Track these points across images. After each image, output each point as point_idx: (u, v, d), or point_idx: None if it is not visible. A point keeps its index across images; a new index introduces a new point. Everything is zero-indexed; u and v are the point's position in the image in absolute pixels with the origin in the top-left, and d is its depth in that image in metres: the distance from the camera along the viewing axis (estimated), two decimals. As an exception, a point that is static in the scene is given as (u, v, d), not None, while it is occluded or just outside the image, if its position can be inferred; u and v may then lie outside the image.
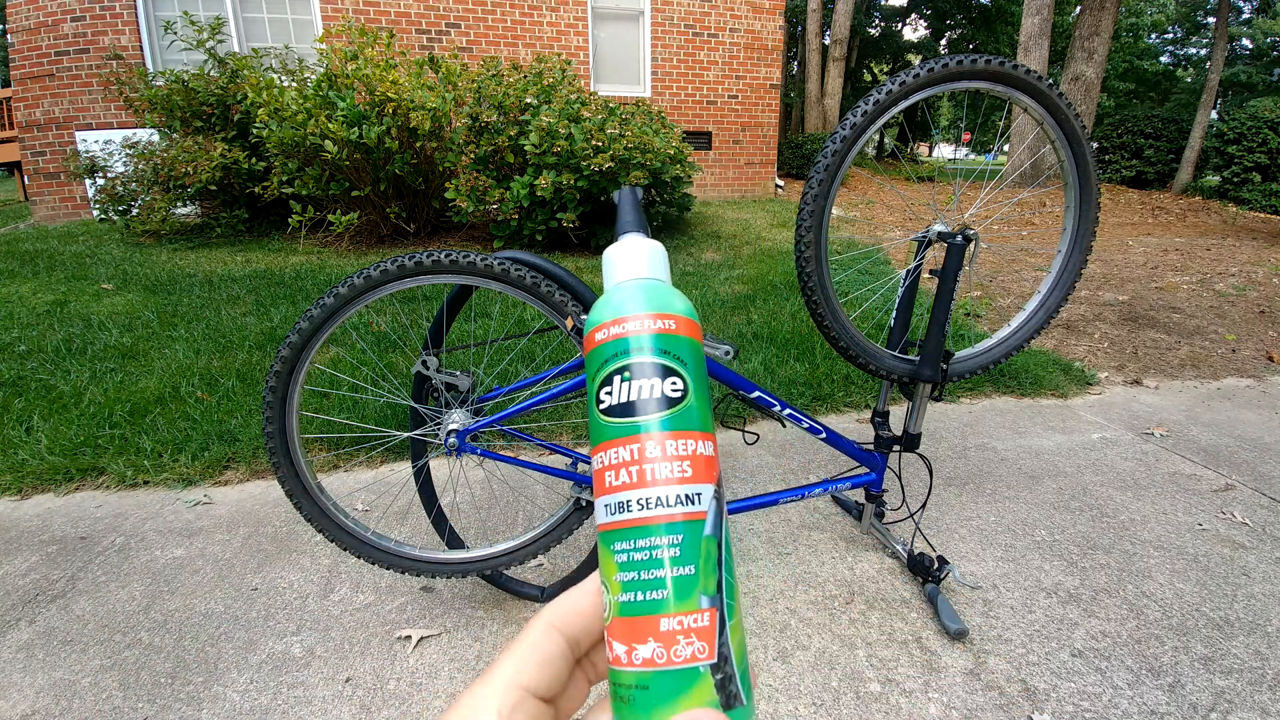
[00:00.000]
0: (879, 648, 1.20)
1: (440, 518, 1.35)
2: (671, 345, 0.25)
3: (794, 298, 3.43)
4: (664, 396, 0.24)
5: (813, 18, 14.00)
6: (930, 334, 1.27)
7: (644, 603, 0.22)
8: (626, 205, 0.33)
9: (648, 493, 0.23)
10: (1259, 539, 1.55)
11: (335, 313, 1.06)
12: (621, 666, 0.22)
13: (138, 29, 5.92)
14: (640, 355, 0.25)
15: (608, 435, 0.25)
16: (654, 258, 0.29)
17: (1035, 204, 7.76)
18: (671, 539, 0.23)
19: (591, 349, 0.26)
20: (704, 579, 0.22)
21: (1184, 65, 23.26)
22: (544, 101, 4.30)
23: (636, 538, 0.23)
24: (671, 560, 0.22)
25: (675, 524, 0.23)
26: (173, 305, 3.17)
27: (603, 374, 0.25)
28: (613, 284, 0.29)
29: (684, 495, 0.23)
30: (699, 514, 0.23)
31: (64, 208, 6.12)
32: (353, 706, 1.07)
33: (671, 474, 0.23)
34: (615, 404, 0.25)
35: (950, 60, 1.10)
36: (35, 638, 1.21)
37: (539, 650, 0.23)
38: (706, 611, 0.22)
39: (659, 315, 0.26)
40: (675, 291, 0.28)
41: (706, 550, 0.23)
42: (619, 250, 0.29)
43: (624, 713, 0.21)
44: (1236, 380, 2.68)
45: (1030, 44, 8.52)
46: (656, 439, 0.24)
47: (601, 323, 0.26)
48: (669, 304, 0.26)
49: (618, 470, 0.24)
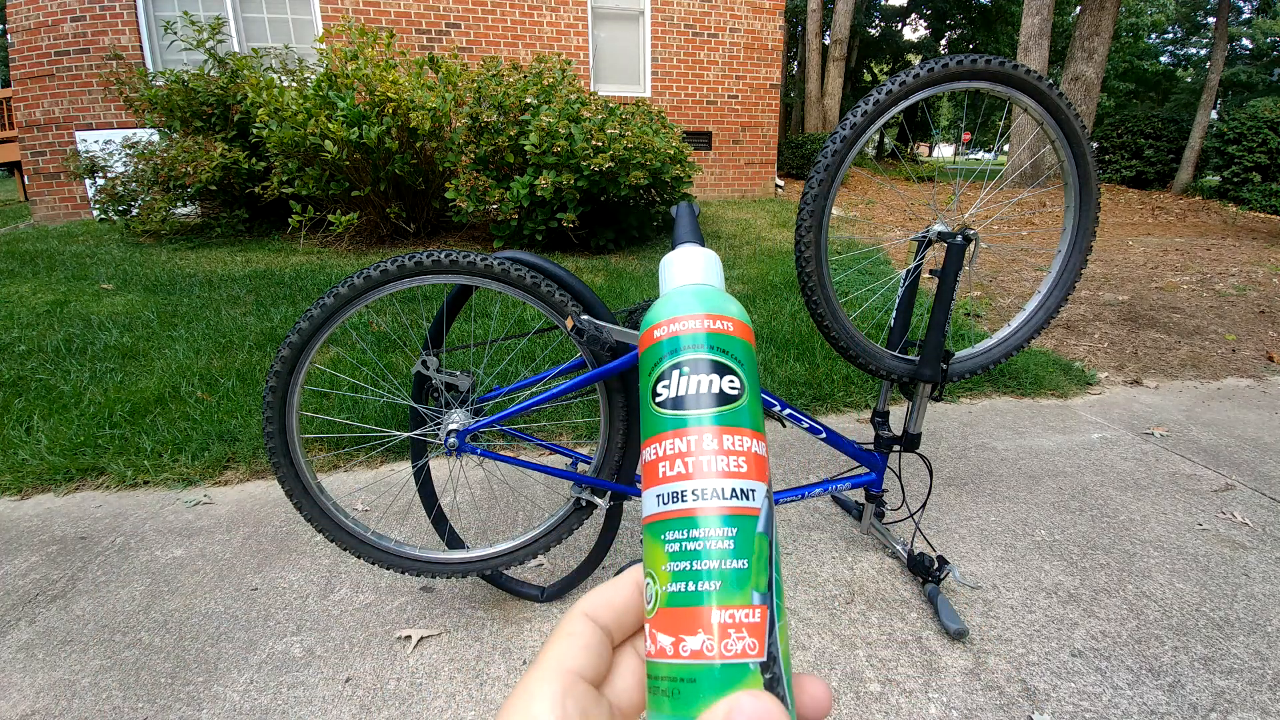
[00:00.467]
0: (879, 648, 1.20)
1: (440, 518, 1.35)
2: (729, 345, 0.26)
3: (794, 298, 3.43)
4: (722, 392, 0.25)
5: (813, 18, 14.00)
6: (930, 334, 1.27)
7: (695, 593, 0.22)
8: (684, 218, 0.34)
9: (704, 484, 0.23)
10: (1259, 539, 1.55)
11: (335, 313, 1.06)
12: (666, 659, 0.22)
13: (138, 29, 5.92)
14: (699, 352, 0.25)
15: (662, 427, 0.25)
16: (709, 265, 0.30)
17: (1035, 204, 7.76)
18: (726, 531, 0.23)
19: (649, 345, 0.27)
20: (756, 575, 0.22)
21: (1184, 65, 23.26)
22: (544, 101, 4.30)
23: (690, 527, 0.23)
24: (725, 552, 0.22)
25: (730, 516, 0.23)
26: (173, 305, 3.17)
27: (660, 369, 0.26)
28: (669, 289, 0.30)
29: (739, 489, 0.23)
30: (753, 509, 0.23)
31: (64, 208, 6.12)
32: (353, 706, 1.07)
33: (728, 467, 0.24)
34: (672, 397, 0.25)
35: (950, 60, 1.10)
36: (35, 638, 1.21)
37: (580, 637, 0.24)
38: (758, 608, 0.22)
39: (717, 316, 0.26)
40: (729, 297, 0.28)
41: (760, 547, 0.23)
42: (677, 257, 0.30)
43: (663, 706, 0.21)
44: (1236, 380, 2.68)
45: (1030, 44, 8.52)
46: (714, 432, 0.24)
47: (660, 320, 0.27)
48: (725, 307, 0.27)
49: (672, 461, 0.24)
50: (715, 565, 0.22)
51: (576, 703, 0.22)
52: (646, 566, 0.24)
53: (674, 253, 0.31)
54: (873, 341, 1.29)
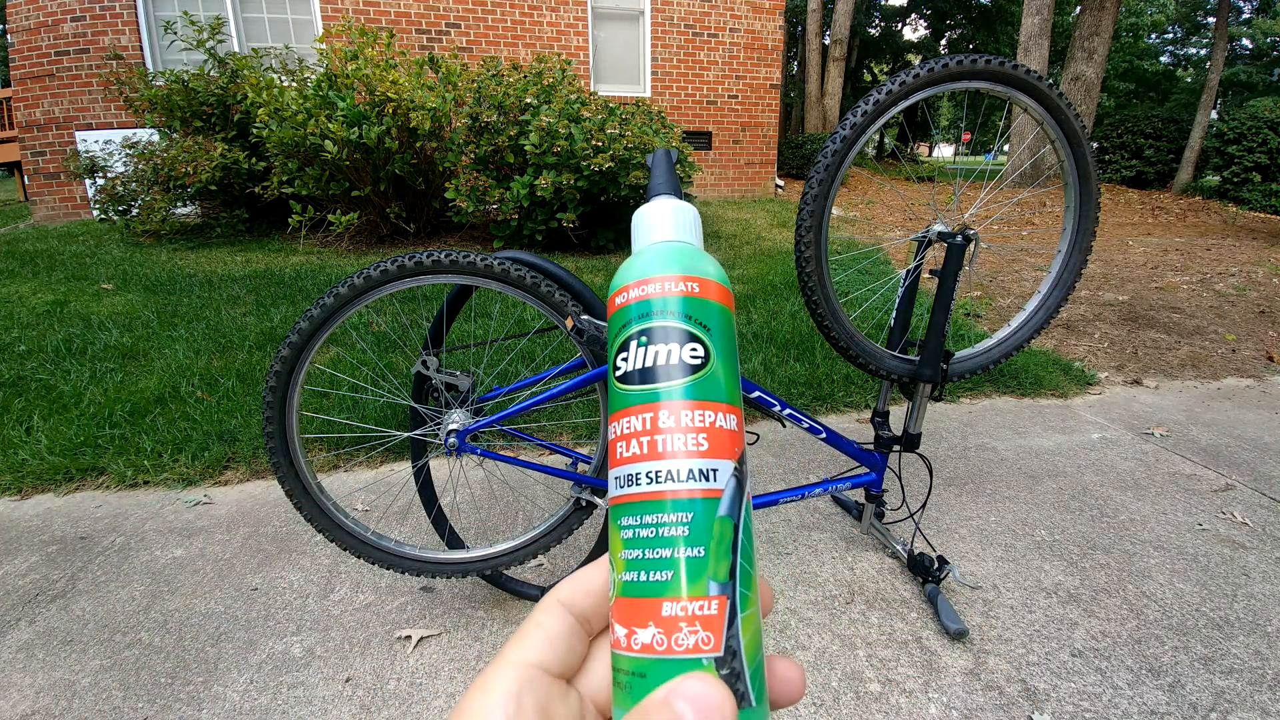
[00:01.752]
0: (879, 648, 1.20)
1: (440, 518, 1.35)
2: (694, 309, 0.24)
3: (794, 298, 3.43)
4: (682, 363, 0.23)
5: (813, 18, 14.01)
6: (930, 334, 1.27)
7: (647, 584, 0.20)
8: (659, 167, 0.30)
9: (658, 465, 0.22)
10: (1259, 539, 1.55)
11: (335, 313, 1.06)
12: (621, 650, 0.21)
13: (138, 29, 5.92)
14: (660, 319, 0.23)
15: (621, 403, 0.23)
16: (683, 219, 0.27)
17: (1035, 204, 7.76)
18: (681, 516, 0.21)
19: (612, 313, 0.25)
20: (715, 563, 0.21)
21: (1184, 65, 23.26)
22: (544, 101, 4.30)
23: (644, 513, 0.21)
24: (680, 540, 0.21)
25: (686, 500, 0.21)
26: (173, 305, 3.17)
27: (620, 339, 0.24)
28: (638, 247, 0.27)
29: (698, 470, 0.21)
30: (714, 491, 0.21)
31: (64, 208, 6.12)
32: (353, 706, 1.07)
33: (685, 446, 0.22)
34: (631, 370, 0.23)
35: (950, 60, 1.10)
36: (35, 638, 1.21)
37: (544, 628, 0.22)
38: (715, 599, 0.20)
39: (683, 278, 0.24)
40: (704, 255, 0.26)
41: (720, 532, 0.21)
42: (647, 212, 0.27)
43: (621, 699, 0.20)
44: (1236, 380, 2.68)
45: (1030, 44, 8.52)
46: (671, 408, 0.22)
47: (623, 285, 0.25)
48: (695, 266, 0.25)
49: (629, 440, 0.22)
50: (668, 554, 0.21)
51: (535, 698, 0.20)
52: (610, 553, 0.23)
53: (644, 206, 0.28)
54: (873, 341, 1.29)
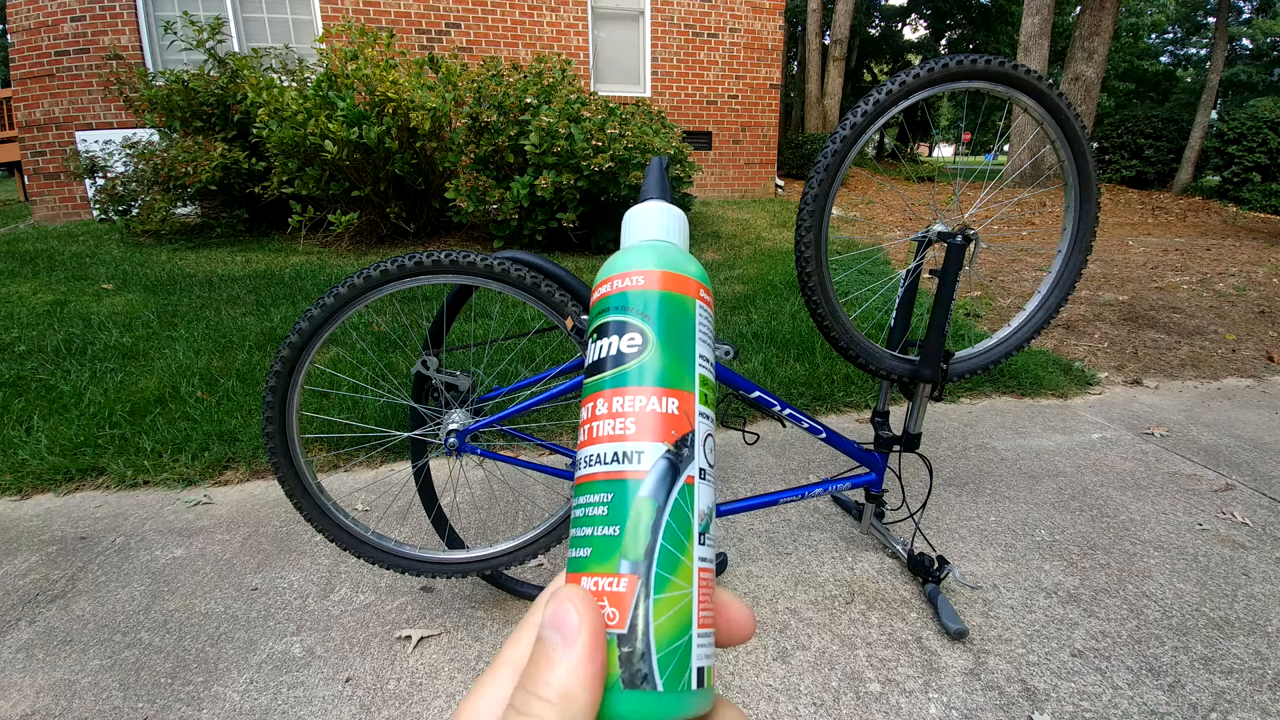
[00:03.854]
0: (879, 648, 1.20)
1: (440, 518, 1.35)
2: (637, 301, 0.25)
3: (794, 298, 3.43)
4: (619, 353, 0.24)
5: (813, 18, 14.01)
6: (930, 334, 1.27)
7: (576, 559, 0.22)
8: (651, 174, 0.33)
9: (591, 450, 0.23)
10: (1259, 539, 1.55)
11: (335, 313, 1.06)
12: None
13: (138, 29, 5.92)
14: (608, 315, 0.25)
15: (585, 392, 0.25)
16: (663, 220, 0.29)
17: (1035, 204, 7.76)
18: (601, 497, 0.22)
19: (590, 306, 0.27)
20: (629, 542, 0.21)
21: (1184, 65, 23.27)
22: (544, 101, 4.30)
23: (581, 494, 0.23)
24: (599, 519, 0.22)
25: (606, 482, 0.22)
26: (173, 305, 3.17)
27: (590, 330, 0.26)
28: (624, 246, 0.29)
29: (619, 453, 0.23)
30: (635, 473, 0.22)
31: (64, 208, 6.12)
32: (353, 706, 1.07)
33: (612, 430, 0.23)
34: (588, 363, 0.25)
35: (950, 60, 1.10)
36: (35, 638, 1.21)
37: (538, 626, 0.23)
38: (625, 577, 0.21)
39: (627, 274, 0.26)
40: (660, 247, 0.27)
41: (637, 512, 0.22)
42: (629, 216, 0.29)
43: None
44: (1236, 380, 2.68)
45: (1030, 44, 8.52)
46: (605, 396, 0.24)
47: (599, 281, 0.27)
48: (640, 260, 0.26)
49: (581, 427, 0.24)
50: (589, 531, 0.22)
51: None
52: None
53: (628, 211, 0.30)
54: (873, 341, 1.29)
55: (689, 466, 0.23)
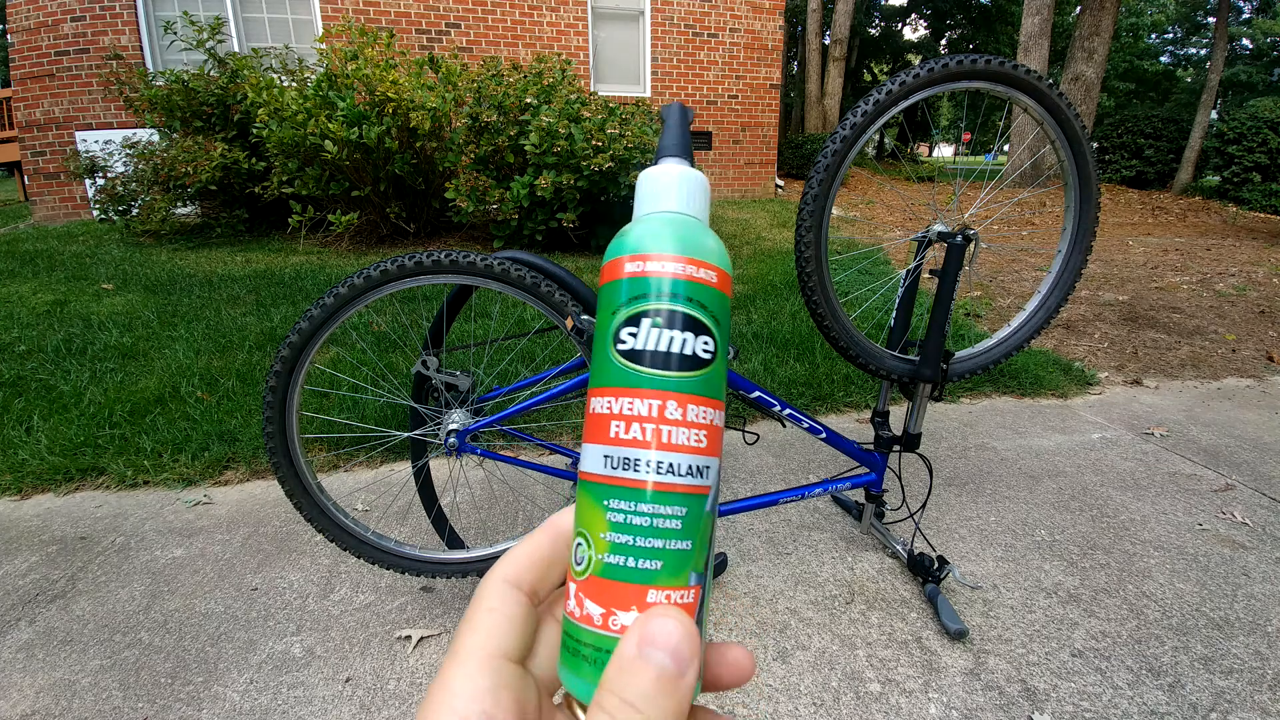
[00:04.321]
0: (879, 648, 1.20)
1: (440, 518, 1.35)
2: (709, 300, 0.23)
3: (794, 298, 3.43)
4: (695, 355, 0.22)
5: (813, 18, 14.01)
6: (930, 334, 1.27)
7: (634, 570, 0.21)
8: (673, 123, 0.28)
9: (663, 457, 0.21)
10: (1259, 539, 1.55)
11: (335, 313, 1.06)
12: (593, 627, 0.21)
13: (138, 29, 5.92)
14: (675, 303, 0.22)
15: (623, 381, 0.22)
16: (694, 191, 0.25)
17: (1035, 204, 7.76)
18: (676, 510, 0.21)
19: (615, 279, 0.23)
20: (698, 556, 0.22)
21: (1184, 65, 23.27)
22: (544, 101, 4.30)
23: (639, 500, 0.21)
24: (672, 532, 0.21)
25: (684, 495, 0.21)
26: (173, 305, 3.17)
27: (629, 311, 0.22)
28: (646, 212, 0.25)
29: (696, 466, 0.22)
30: (705, 488, 0.22)
31: (64, 208, 6.12)
32: (353, 706, 1.07)
33: (688, 441, 0.22)
34: (641, 349, 0.22)
35: (950, 60, 1.10)
36: (35, 638, 1.21)
37: (501, 613, 0.21)
38: (693, 589, 0.21)
39: (700, 262, 0.23)
40: (713, 235, 0.25)
41: (705, 527, 0.22)
42: (658, 176, 0.25)
43: (583, 670, 0.20)
44: (1236, 380, 2.68)
45: (1030, 44, 8.53)
46: (680, 400, 0.22)
47: (633, 252, 0.23)
48: (709, 250, 0.23)
49: (629, 423, 0.22)
50: (660, 544, 0.21)
51: (512, 692, 0.19)
52: (579, 525, 0.22)
53: (656, 169, 0.26)
54: (873, 341, 1.29)
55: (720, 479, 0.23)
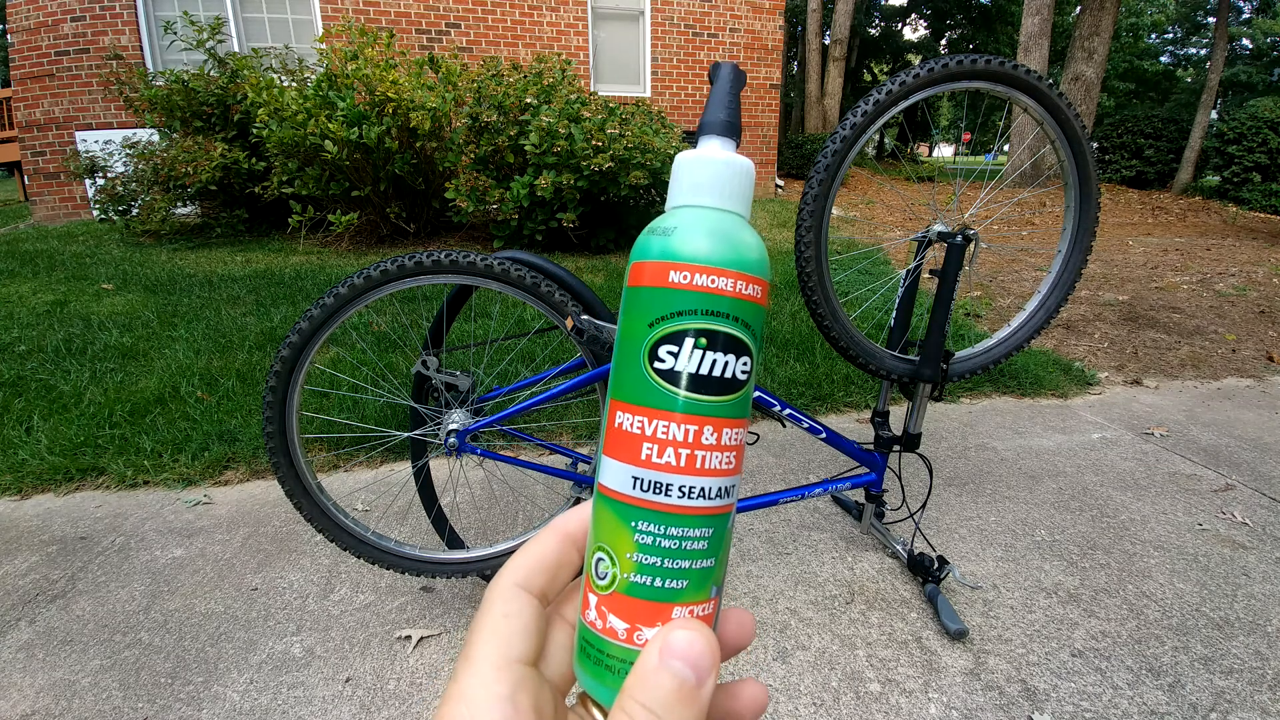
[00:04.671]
0: (879, 648, 1.20)
1: (440, 518, 1.35)
2: (754, 318, 0.22)
3: (794, 298, 3.43)
4: (734, 378, 0.21)
5: (813, 18, 14.01)
6: (930, 334, 1.27)
7: (661, 589, 0.21)
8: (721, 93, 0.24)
9: (695, 482, 0.21)
10: (1259, 539, 1.55)
11: (335, 313, 1.06)
12: (617, 641, 0.21)
13: (138, 29, 5.92)
14: (723, 324, 0.21)
15: (657, 402, 0.21)
16: (743, 182, 0.23)
17: (1035, 204, 7.76)
18: (704, 531, 0.21)
19: (657, 285, 0.21)
20: (719, 570, 0.22)
21: (1184, 65, 23.27)
22: (544, 101, 4.30)
23: (670, 525, 0.21)
24: (700, 553, 0.21)
25: (711, 517, 0.22)
26: (173, 305, 3.17)
27: (670, 327, 0.21)
28: (688, 203, 0.23)
29: (725, 488, 0.22)
30: (730, 507, 0.22)
31: (64, 208, 6.12)
32: (353, 706, 1.07)
33: (720, 465, 0.21)
34: (680, 370, 0.21)
35: (950, 60, 1.10)
36: (35, 638, 1.21)
37: (515, 618, 0.21)
38: (713, 600, 0.22)
39: (753, 280, 0.22)
40: (757, 238, 0.23)
41: (727, 542, 0.22)
42: (705, 163, 0.23)
43: (606, 679, 0.21)
44: (1236, 380, 2.68)
45: (1030, 44, 8.53)
46: (716, 425, 0.21)
47: (682, 261, 0.21)
48: (764, 263, 0.22)
49: (663, 446, 0.21)
50: (687, 565, 0.21)
51: (530, 698, 0.19)
52: (601, 539, 0.22)
53: (700, 153, 0.23)
54: (873, 341, 1.29)
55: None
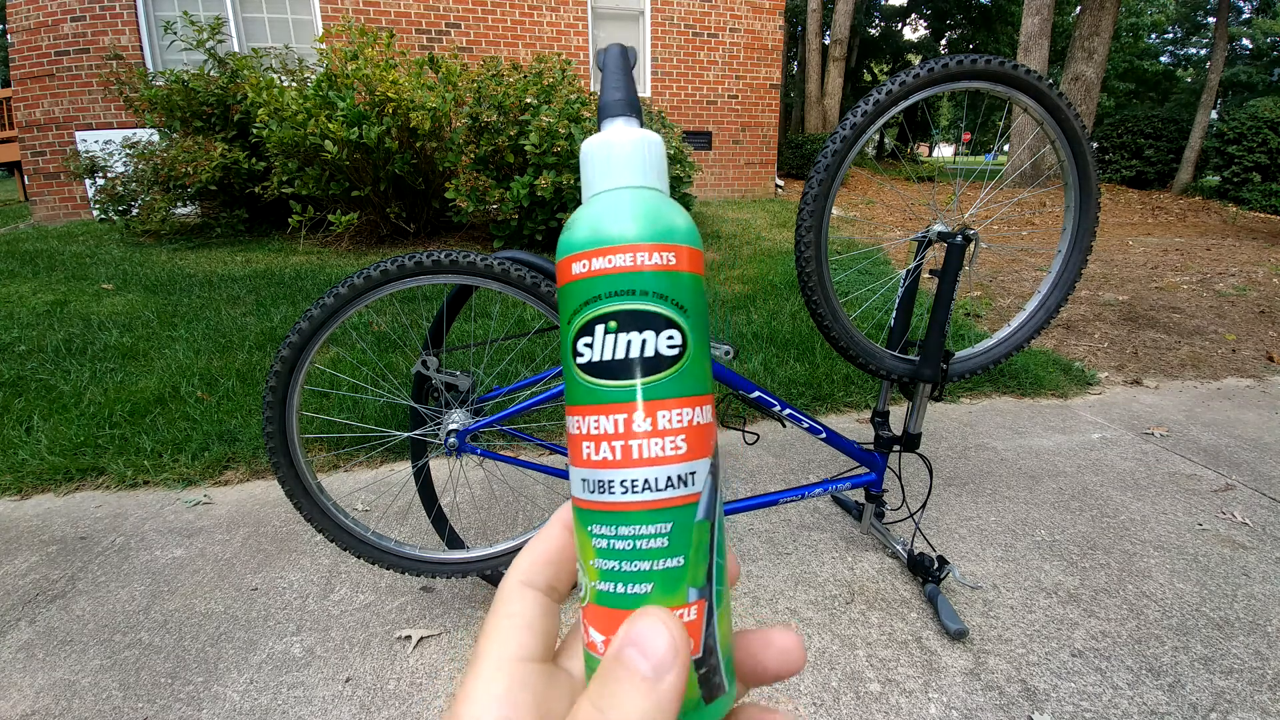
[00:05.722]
0: (879, 648, 1.20)
1: (440, 518, 1.35)
2: (671, 287, 0.20)
3: (794, 298, 3.43)
4: (658, 355, 0.20)
5: (813, 18, 14.01)
6: (930, 334, 1.27)
7: (625, 596, 0.19)
8: (612, 72, 0.23)
9: (634, 474, 0.20)
10: (1259, 539, 1.55)
11: (335, 313, 1.06)
12: (596, 654, 0.20)
13: (138, 29, 5.92)
14: (631, 301, 0.20)
15: (586, 398, 0.20)
16: (648, 156, 0.22)
17: (1035, 204, 7.76)
18: (659, 528, 0.20)
19: (566, 283, 0.21)
20: (693, 570, 0.20)
21: (1184, 65, 23.27)
22: (544, 101, 4.30)
23: (619, 524, 0.20)
24: (659, 552, 0.19)
25: (665, 510, 0.20)
26: (173, 305, 3.17)
27: (582, 319, 0.20)
28: (594, 191, 0.22)
29: (676, 477, 0.20)
30: (692, 497, 0.20)
31: (64, 208, 6.12)
32: (353, 706, 1.07)
33: (663, 452, 0.20)
34: (597, 360, 0.20)
35: (950, 60, 1.10)
36: (35, 638, 1.21)
37: (517, 616, 0.21)
38: (694, 605, 0.20)
39: (657, 247, 0.20)
40: (674, 207, 0.22)
41: (698, 537, 0.20)
42: (603, 144, 0.22)
43: None
44: (1236, 380, 2.68)
45: (1030, 44, 8.53)
46: (646, 409, 0.20)
47: (581, 250, 0.20)
48: (670, 228, 0.21)
49: (597, 443, 0.20)
50: (647, 566, 0.19)
51: (530, 695, 0.19)
52: (578, 552, 0.21)
53: (594, 138, 0.23)
54: (873, 341, 1.29)
55: (720, 475, 0.21)
